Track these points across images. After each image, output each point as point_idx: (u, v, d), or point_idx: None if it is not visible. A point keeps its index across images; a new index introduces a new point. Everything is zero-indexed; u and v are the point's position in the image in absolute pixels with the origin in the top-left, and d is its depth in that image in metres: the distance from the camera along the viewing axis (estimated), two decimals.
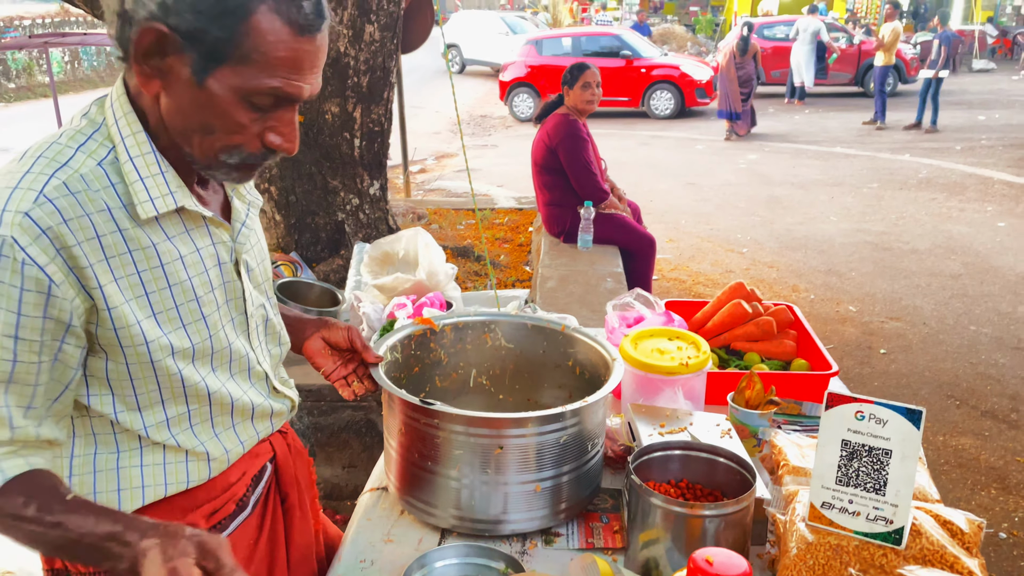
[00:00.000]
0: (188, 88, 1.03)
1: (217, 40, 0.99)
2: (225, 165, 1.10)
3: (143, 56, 1.01)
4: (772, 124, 13.69)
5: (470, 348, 1.78)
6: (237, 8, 0.98)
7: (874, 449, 1.22)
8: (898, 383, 4.44)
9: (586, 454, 1.49)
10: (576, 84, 4.54)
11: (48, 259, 1.00)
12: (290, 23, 1.01)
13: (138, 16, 0.99)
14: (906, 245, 6.93)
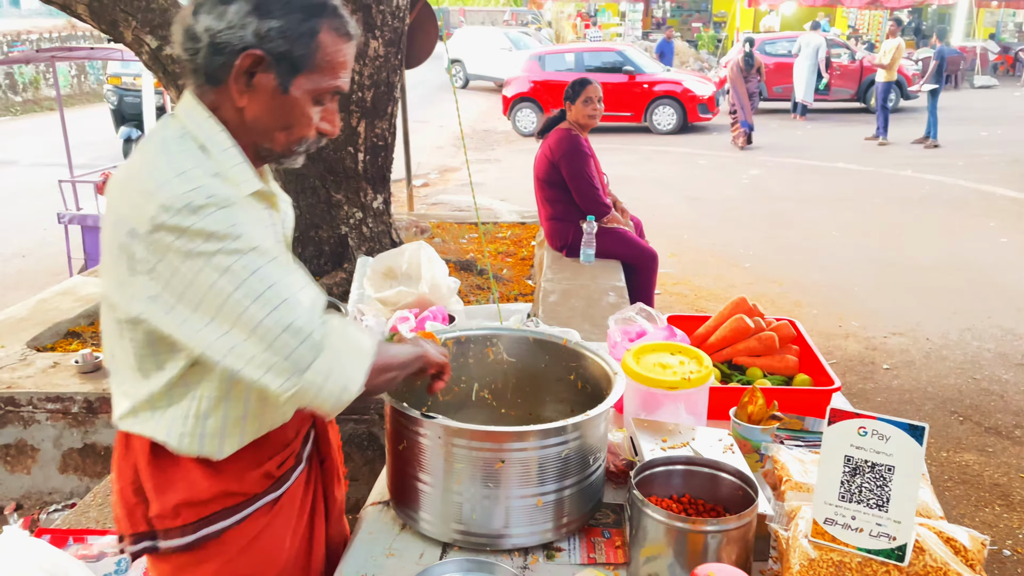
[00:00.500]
0: (274, 96, 1.28)
1: (298, 56, 1.26)
2: (296, 153, 1.36)
3: (239, 75, 1.26)
4: (775, 139, 13.71)
5: (472, 362, 1.79)
6: (310, 31, 1.26)
7: (877, 465, 1.21)
8: (901, 399, 4.43)
9: (588, 468, 1.49)
10: (578, 99, 4.55)
11: (231, 192, 1.24)
12: (341, 34, 1.30)
13: (234, 45, 1.23)
14: (909, 261, 6.92)
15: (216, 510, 1.37)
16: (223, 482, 1.36)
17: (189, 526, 1.36)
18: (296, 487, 1.51)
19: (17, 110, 18.34)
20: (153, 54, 3.93)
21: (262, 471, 1.41)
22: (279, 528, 1.46)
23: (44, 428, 3.29)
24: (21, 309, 4.24)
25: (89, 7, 3.84)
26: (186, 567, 1.39)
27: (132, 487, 1.38)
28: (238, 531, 1.39)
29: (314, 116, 1.31)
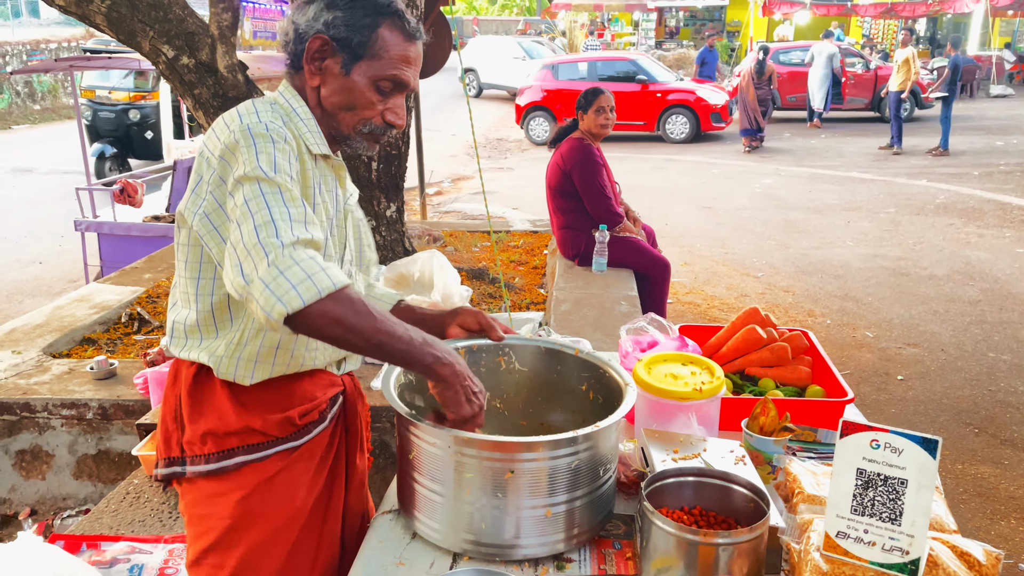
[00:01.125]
0: (339, 78, 1.51)
1: (359, 43, 1.49)
2: (360, 134, 1.56)
3: (311, 58, 1.50)
4: (788, 148, 13.68)
5: (484, 371, 1.79)
6: (371, 22, 1.49)
7: (890, 478, 1.21)
8: (915, 410, 4.39)
9: (598, 479, 1.48)
10: (590, 108, 4.56)
11: (293, 138, 1.47)
12: (402, 32, 1.52)
13: (310, 32, 1.50)
14: (924, 271, 6.88)
15: (237, 445, 1.55)
16: (247, 418, 1.54)
17: (213, 455, 1.54)
18: (317, 443, 1.63)
19: (36, 118, 18.56)
20: (170, 63, 3.97)
21: (284, 416, 1.56)
22: (295, 475, 1.59)
23: (59, 434, 3.32)
24: (37, 315, 4.27)
25: (107, 17, 3.89)
26: (209, 495, 1.56)
27: (173, 414, 1.60)
28: (255, 468, 1.55)
29: (377, 103, 1.52)
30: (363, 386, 3.16)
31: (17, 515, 3.36)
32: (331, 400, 1.67)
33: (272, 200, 1.35)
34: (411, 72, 1.54)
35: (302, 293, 1.26)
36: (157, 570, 2.20)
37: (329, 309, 1.29)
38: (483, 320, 1.73)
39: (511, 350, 1.79)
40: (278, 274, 1.27)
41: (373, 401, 3.12)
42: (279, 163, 1.39)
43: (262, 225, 1.31)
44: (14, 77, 17.93)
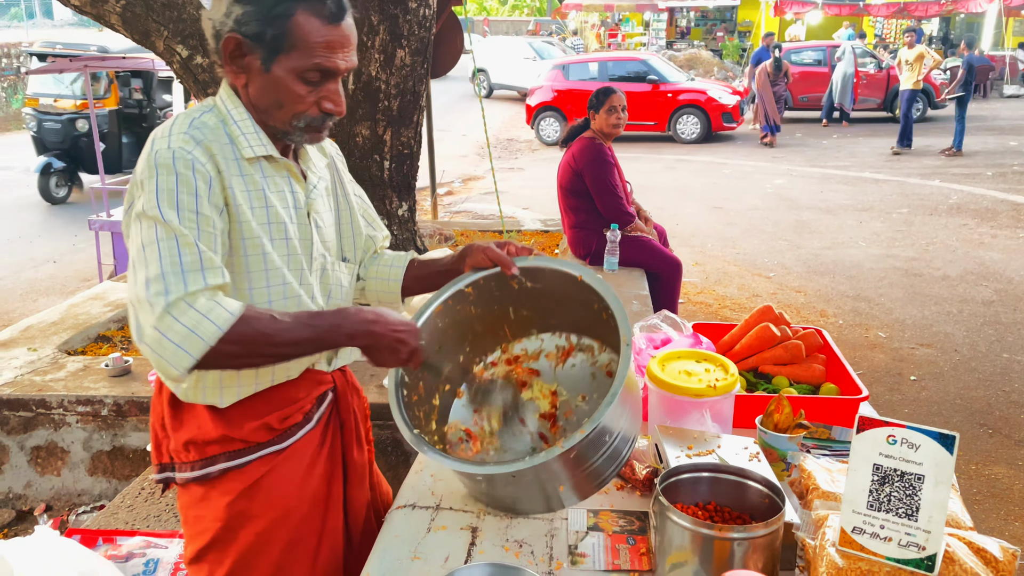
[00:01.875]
0: (261, 75, 1.43)
1: (274, 37, 1.39)
2: (297, 129, 1.48)
3: (229, 58, 1.43)
4: (800, 149, 13.63)
5: (497, 293, 1.71)
6: (283, 12, 1.39)
7: (906, 474, 1.20)
8: (929, 410, 4.37)
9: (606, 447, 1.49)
10: (602, 108, 4.56)
11: (207, 159, 1.39)
12: (320, 16, 1.41)
13: (224, 32, 1.41)
14: (937, 271, 6.84)
15: (217, 452, 1.54)
16: (224, 428, 1.53)
17: (197, 462, 1.55)
18: (304, 444, 1.61)
19: None
20: (184, 63, 4.00)
21: (261, 423, 1.55)
22: (282, 478, 1.58)
23: (74, 430, 3.34)
24: (52, 313, 4.31)
25: (122, 17, 3.92)
26: (200, 498, 1.57)
27: (160, 423, 1.61)
28: (240, 474, 1.55)
29: (307, 95, 1.44)
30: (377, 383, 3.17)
31: (32, 511, 3.39)
32: (318, 399, 1.65)
33: (165, 248, 1.31)
34: (339, 57, 1.43)
35: (189, 350, 1.28)
36: (172, 564, 2.22)
37: (223, 350, 1.31)
38: (493, 255, 1.64)
39: (524, 276, 1.67)
40: (161, 337, 1.28)
41: (385, 398, 3.14)
42: (180, 200, 1.33)
43: (152, 279, 1.30)
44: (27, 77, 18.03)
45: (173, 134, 1.39)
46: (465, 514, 1.64)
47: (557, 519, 1.62)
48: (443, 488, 1.74)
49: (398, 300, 1.79)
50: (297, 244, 1.52)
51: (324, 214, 1.62)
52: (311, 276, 1.57)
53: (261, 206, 1.46)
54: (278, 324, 1.37)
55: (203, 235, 1.35)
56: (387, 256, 1.82)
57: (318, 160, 1.65)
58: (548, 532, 1.58)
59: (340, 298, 1.67)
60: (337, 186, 1.72)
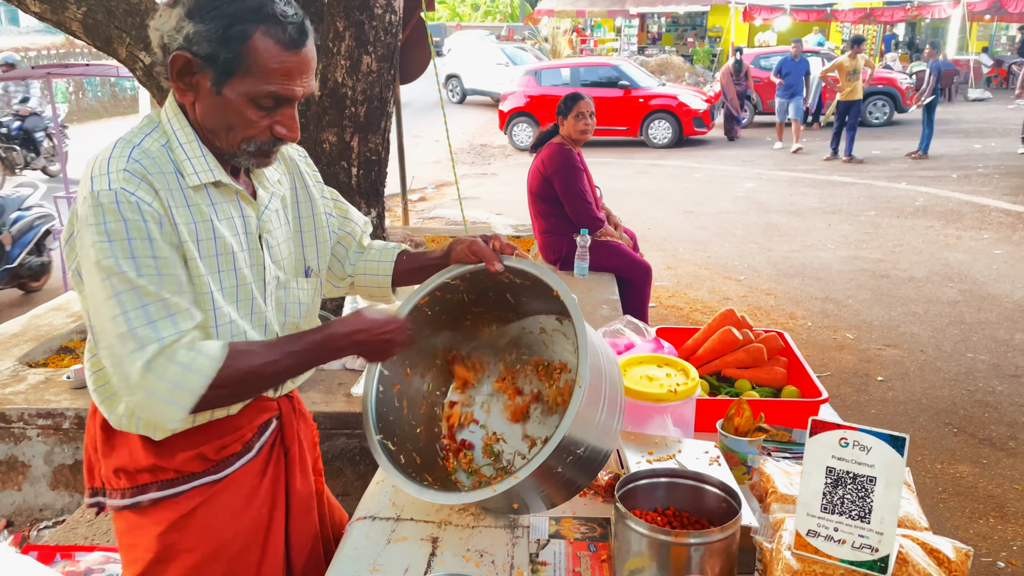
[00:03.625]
0: (210, 96, 1.35)
1: (227, 60, 1.31)
2: (245, 152, 1.40)
3: (177, 75, 1.34)
4: (769, 153, 13.77)
5: (481, 287, 1.69)
6: (239, 35, 1.30)
7: (859, 476, 1.21)
8: (895, 410, 4.42)
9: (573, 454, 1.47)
10: (570, 114, 4.58)
11: (152, 198, 1.31)
12: (279, 42, 1.32)
13: (172, 47, 1.32)
14: (903, 272, 6.93)
15: (148, 481, 1.49)
16: (155, 457, 1.47)
17: (127, 490, 1.50)
18: (243, 475, 1.56)
19: None
20: (147, 70, 3.95)
21: (195, 453, 1.49)
22: (218, 509, 1.52)
23: (35, 444, 3.28)
24: (14, 325, 4.23)
25: (83, 24, 3.86)
26: (132, 527, 1.53)
27: (92, 445, 1.55)
28: (173, 504, 1.49)
29: (258, 119, 1.36)
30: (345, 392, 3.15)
31: None
32: (260, 427, 1.59)
33: (128, 302, 1.27)
34: (296, 84, 1.35)
35: (179, 402, 1.29)
36: None
37: (211, 396, 1.31)
38: (477, 249, 1.60)
39: (509, 273, 1.63)
40: (147, 397, 1.29)
41: (353, 407, 3.12)
42: (135, 247, 1.27)
43: (123, 336, 1.27)
44: None
45: (112, 171, 1.30)
46: (426, 524, 1.63)
47: (519, 527, 1.61)
48: (404, 498, 1.72)
49: (388, 293, 1.77)
50: (248, 272, 1.46)
51: (276, 231, 1.55)
52: (266, 303, 1.52)
53: (208, 238, 1.39)
54: (262, 358, 1.37)
55: (165, 280, 1.31)
56: (375, 249, 1.79)
57: (271, 172, 1.57)
58: (510, 541, 1.57)
59: (297, 316, 1.61)
60: (299, 191, 1.65)
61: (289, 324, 1.59)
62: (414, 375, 1.75)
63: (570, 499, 1.57)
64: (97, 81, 20.92)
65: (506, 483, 1.39)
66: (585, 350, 1.41)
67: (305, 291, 1.64)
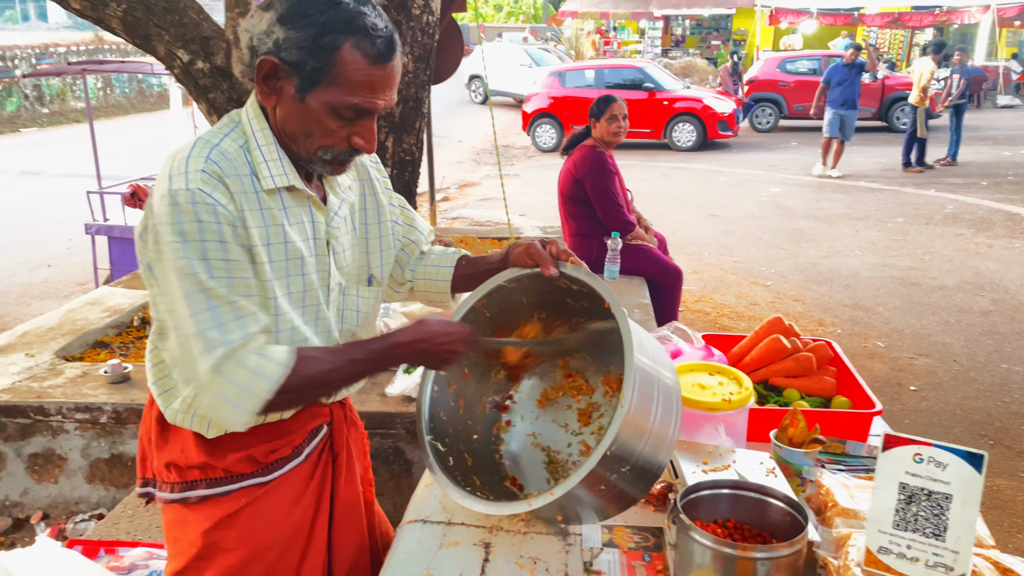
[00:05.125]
0: (293, 103, 1.36)
1: (314, 68, 1.32)
2: (321, 160, 1.42)
3: (263, 79, 1.35)
4: (795, 157, 13.66)
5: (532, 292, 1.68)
6: (328, 44, 1.30)
7: (934, 493, 1.19)
8: (929, 421, 4.37)
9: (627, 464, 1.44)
10: (603, 116, 4.56)
11: (227, 200, 1.32)
12: (366, 55, 1.33)
13: (260, 51, 1.34)
14: (934, 280, 6.85)
15: (198, 478, 1.50)
16: (206, 455, 1.49)
17: (177, 484, 1.52)
18: (291, 478, 1.57)
19: (44, 122, 18.59)
20: (185, 68, 3.97)
21: (245, 454, 1.50)
22: (264, 512, 1.53)
23: (72, 438, 3.31)
24: (50, 319, 4.27)
25: (123, 21, 3.89)
26: (179, 520, 1.54)
27: (147, 437, 1.58)
28: (219, 502, 1.51)
29: (338, 129, 1.37)
30: (379, 392, 3.15)
31: (29, 518, 3.35)
32: (311, 432, 1.60)
33: (200, 304, 1.30)
34: (379, 97, 1.36)
35: (246, 406, 1.32)
36: None
37: (279, 400, 1.34)
38: (534, 252, 1.58)
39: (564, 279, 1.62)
40: (215, 400, 1.32)
41: (387, 407, 3.12)
42: (207, 249, 1.30)
43: (194, 337, 1.30)
44: (23, 81, 17.98)
45: (190, 170, 1.31)
46: (478, 529, 1.62)
47: (572, 535, 1.60)
48: (453, 503, 1.71)
49: (448, 298, 1.77)
50: (315, 277, 1.48)
51: (343, 238, 1.56)
52: (328, 309, 1.53)
53: (279, 242, 1.40)
54: (327, 364, 1.39)
55: (235, 283, 1.32)
56: (435, 255, 1.78)
57: (343, 178, 1.57)
58: (562, 548, 1.56)
59: (355, 324, 1.61)
60: (367, 198, 1.65)
61: (346, 331, 1.60)
62: (472, 375, 1.74)
63: (624, 511, 1.55)
64: (125, 77, 21.10)
65: (541, 499, 1.38)
66: (631, 368, 1.37)
67: (365, 299, 1.64)
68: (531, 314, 1.71)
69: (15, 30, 32.95)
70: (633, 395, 1.34)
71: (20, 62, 18.22)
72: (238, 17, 4.01)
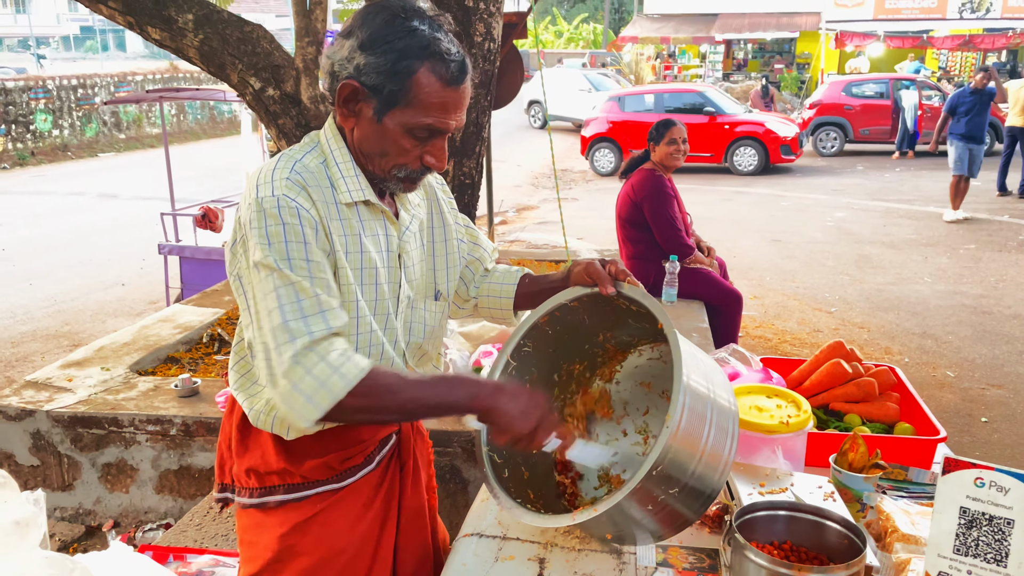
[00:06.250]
0: (371, 124, 1.44)
1: (391, 91, 1.40)
2: (395, 178, 1.50)
3: (343, 102, 1.44)
4: (861, 182, 13.39)
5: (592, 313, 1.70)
6: (406, 69, 1.39)
7: (995, 518, 1.17)
8: (1002, 453, 4.21)
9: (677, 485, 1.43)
10: (662, 140, 4.57)
11: (310, 206, 1.41)
12: (441, 78, 1.40)
13: (341, 75, 1.42)
14: (1008, 309, 6.62)
15: (276, 483, 1.57)
16: (285, 461, 1.55)
17: (256, 490, 1.58)
18: (362, 485, 1.62)
19: (121, 147, 19.43)
20: (256, 94, 4.13)
21: (321, 461, 1.56)
22: (337, 517, 1.59)
23: (143, 449, 3.44)
24: (124, 335, 4.45)
25: (199, 51, 4.08)
26: (255, 524, 1.60)
27: (227, 443, 1.65)
28: (296, 507, 1.57)
29: (412, 148, 1.45)
30: None
31: (101, 526, 3.48)
32: (381, 441, 1.66)
33: (284, 296, 1.35)
34: (451, 118, 1.44)
35: (319, 403, 1.34)
36: None
37: (349, 404, 1.36)
38: (593, 271, 1.59)
39: (622, 299, 1.63)
40: (291, 390, 1.34)
41: (444, 425, 3.16)
42: (291, 249, 1.37)
43: (277, 329, 1.35)
44: (102, 108, 18.84)
45: (276, 180, 1.41)
46: (532, 545, 1.64)
47: (626, 553, 1.60)
48: (509, 517, 1.74)
49: (510, 316, 1.82)
50: (386, 288, 1.54)
51: (413, 253, 1.62)
52: (396, 320, 1.59)
53: (356, 251, 1.47)
54: (409, 380, 1.42)
55: (316, 281, 1.38)
56: (498, 273, 1.83)
57: (413, 196, 1.65)
58: (616, 567, 1.56)
59: (421, 336, 1.66)
60: (434, 216, 1.72)
61: (412, 343, 1.64)
62: (534, 388, 1.77)
63: (679, 532, 1.55)
64: (197, 104, 21.93)
65: (585, 514, 1.39)
66: (679, 387, 1.36)
67: (432, 313, 1.69)
68: (594, 334, 1.73)
69: (95, 59, 34.63)
70: (683, 414, 1.34)
71: (100, 90, 19.10)
72: (308, 46, 4.16)
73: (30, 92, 17.18)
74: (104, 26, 40.64)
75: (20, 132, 17.09)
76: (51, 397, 3.57)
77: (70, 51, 46.64)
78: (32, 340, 6.41)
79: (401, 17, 1.40)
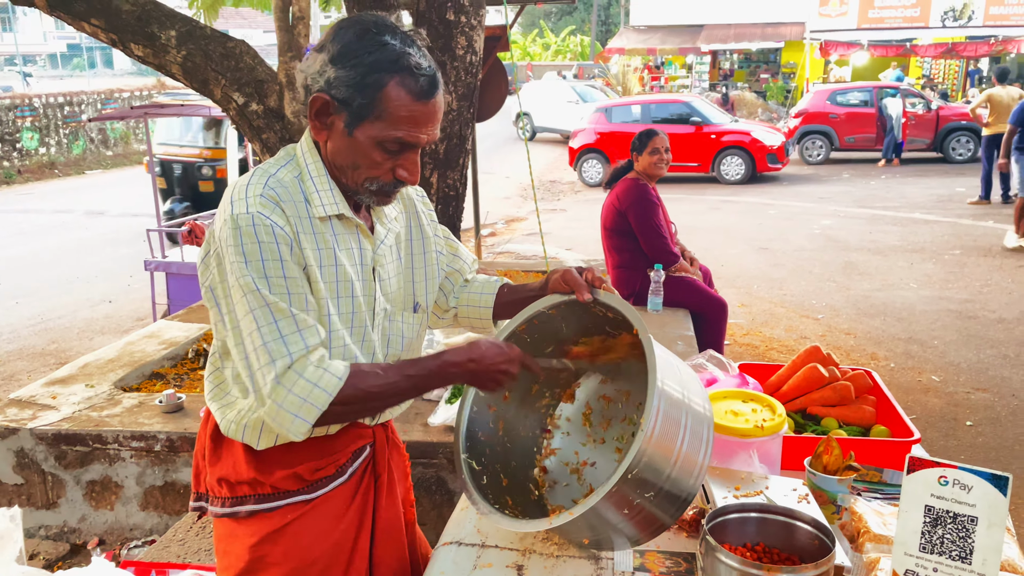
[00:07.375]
0: (342, 137, 1.46)
1: (361, 104, 1.42)
2: (368, 191, 1.51)
3: (315, 115, 1.46)
4: (847, 189, 13.48)
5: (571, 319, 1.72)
6: (375, 83, 1.41)
7: (959, 516, 1.18)
8: (986, 456, 4.24)
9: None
10: (645, 150, 4.61)
11: (284, 222, 1.43)
12: (410, 92, 1.42)
13: (313, 89, 1.45)
14: (992, 314, 6.67)
15: (247, 493, 1.58)
16: (255, 471, 1.57)
17: (227, 499, 1.60)
18: (334, 496, 1.63)
19: (108, 164, 19.40)
20: (240, 109, 4.15)
21: (291, 472, 1.57)
22: (308, 527, 1.60)
23: (128, 465, 3.43)
24: (109, 351, 4.44)
25: (182, 67, 4.10)
26: (229, 534, 1.62)
27: (201, 453, 1.67)
28: (267, 517, 1.58)
29: (383, 161, 1.47)
30: (422, 422, 3.20)
31: (86, 544, 3.47)
32: (354, 453, 1.66)
33: (262, 319, 1.38)
34: (422, 132, 1.46)
35: (306, 417, 1.39)
36: None
37: (337, 411, 1.41)
38: (570, 279, 1.63)
39: (599, 305, 1.65)
40: (278, 409, 1.39)
41: (429, 437, 3.17)
42: (267, 267, 1.39)
43: (257, 350, 1.39)
44: (88, 125, 18.83)
45: (250, 196, 1.42)
46: (511, 552, 1.65)
47: (604, 559, 1.61)
48: (488, 525, 1.75)
49: (490, 325, 1.83)
50: (362, 301, 1.56)
51: (388, 266, 1.64)
52: (373, 332, 1.60)
53: (331, 265, 1.49)
54: (382, 379, 1.46)
55: (294, 298, 1.41)
56: (478, 283, 1.86)
57: (389, 209, 1.67)
58: (594, 572, 1.57)
59: (399, 348, 1.68)
60: (413, 229, 1.73)
61: (391, 355, 1.66)
62: (513, 398, 1.78)
63: (656, 536, 1.56)
64: None
65: (561, 518, 1.40)
66: (653, 393, 1.38)
67: (410, 325, 1.71)
68: (573, 340, 1.75)
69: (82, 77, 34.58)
70: (657, 420, 1.35)
71: (87, 107, 19.08)
72: (290, 61, 4.19)
73: (16, 110, 17.15)
74: (91, 43, 40.64)
75: (7, 151, 17.05)
76: (35, 415, 3.56)
77: (57, 69, 46.59)
78: (19, 359, 6.38)
79: (372, 32, 1.43)
